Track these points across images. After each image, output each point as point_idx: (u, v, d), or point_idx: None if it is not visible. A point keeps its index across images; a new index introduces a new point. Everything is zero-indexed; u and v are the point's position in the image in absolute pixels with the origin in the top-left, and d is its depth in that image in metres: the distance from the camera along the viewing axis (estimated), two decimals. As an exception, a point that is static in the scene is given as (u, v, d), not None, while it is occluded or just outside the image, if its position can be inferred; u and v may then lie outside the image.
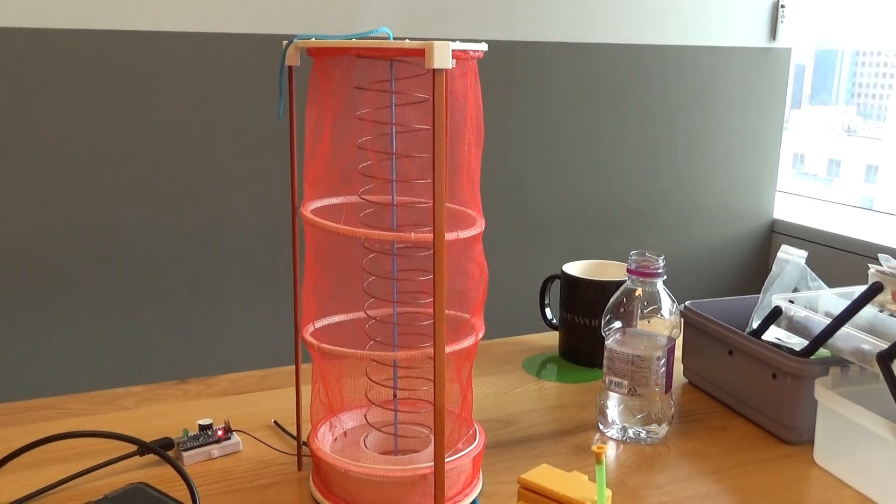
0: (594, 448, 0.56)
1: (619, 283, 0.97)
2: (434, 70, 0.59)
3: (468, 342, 0.69)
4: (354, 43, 0.62)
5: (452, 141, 0.67)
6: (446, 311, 0.62)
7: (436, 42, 0.58)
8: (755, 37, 2.29)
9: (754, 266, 2.46)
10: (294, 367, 0.97)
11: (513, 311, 2.08)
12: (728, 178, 2.37)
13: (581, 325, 1.00)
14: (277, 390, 0.92)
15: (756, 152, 2.39)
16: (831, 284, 0.96)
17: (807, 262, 0.93)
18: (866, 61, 2.69)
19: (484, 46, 0.65)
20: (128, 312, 1.77)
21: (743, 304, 0.98)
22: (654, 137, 2.24)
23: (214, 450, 0.78)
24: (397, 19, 1.88)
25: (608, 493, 0.61)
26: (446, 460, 0.67)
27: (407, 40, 0.60)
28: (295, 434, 0.82)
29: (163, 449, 0.77)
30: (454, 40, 0.60)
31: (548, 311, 1.08)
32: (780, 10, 2.28)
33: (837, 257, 2.22)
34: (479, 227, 0.68)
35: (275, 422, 0.85)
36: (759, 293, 0.94)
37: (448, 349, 0.66)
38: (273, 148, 1.83)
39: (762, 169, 2.41)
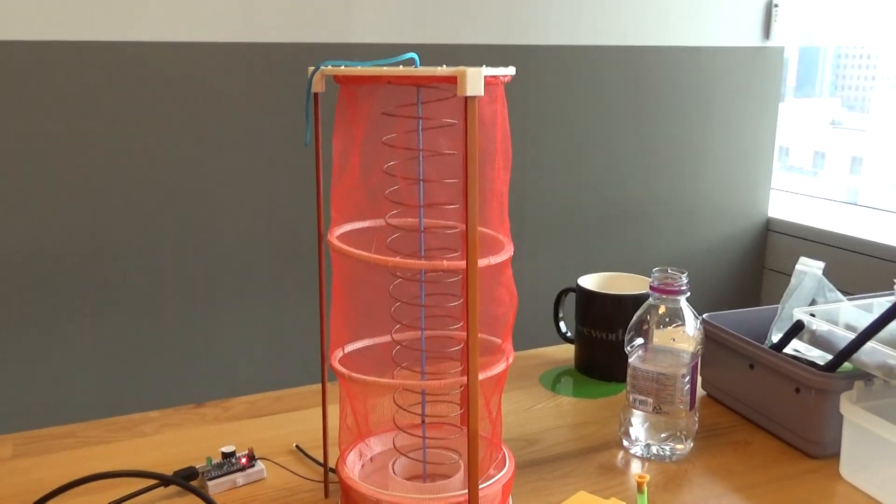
0: (636, 477, 0.56)
1: (636, 297, 0.97)
2: (466, 98, 0.58)
3: (499, 368, 0.68)
4: (385, 71, 0.61)
5: (482, 167, 0.66)
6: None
7: (468, 69, 0.58)
8: (749, 36, 2.30)
9: (750, 265, 2.48)
10: (311, 388, 0.97)
11: (520, 324, 2.08)
12: (724, 177, 2.38)
13: (597, 339, 1.00)
14: (296, 412, 0.91)
15: (750, 151, 2.40)
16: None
17: (798, 257, 0.93)
18: (850, 53, 2.70)
19: (512, 70, 0.65)
20: (131, 332, 1.75)
21: (758, 315, 0.98)
22: (650, 139, 2.24)
23: (239, 478, 0.78)
24: (392, 25, 1.87)
25: (648, 520, 0.60)
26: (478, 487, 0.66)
27: (440, 67, 0.59)
28: (318, 459, 0.82)
29: (188, 479, 0.76)
30: (483, 67, 0.59)
31: (562, 324, 1.08)
32: (774, 9, 2.29)
33: (830, 254, 2.23)
34: (508, 252, 0.67)
35: (297, 446, 0.84)
36: (756, 293, 0.94)
37: (481, 376, 0.66)
38: (286, 166, 1.82)
39: (757, 168, 2.42)
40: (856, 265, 2.18)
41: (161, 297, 1.77)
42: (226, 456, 0.79)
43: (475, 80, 0.58)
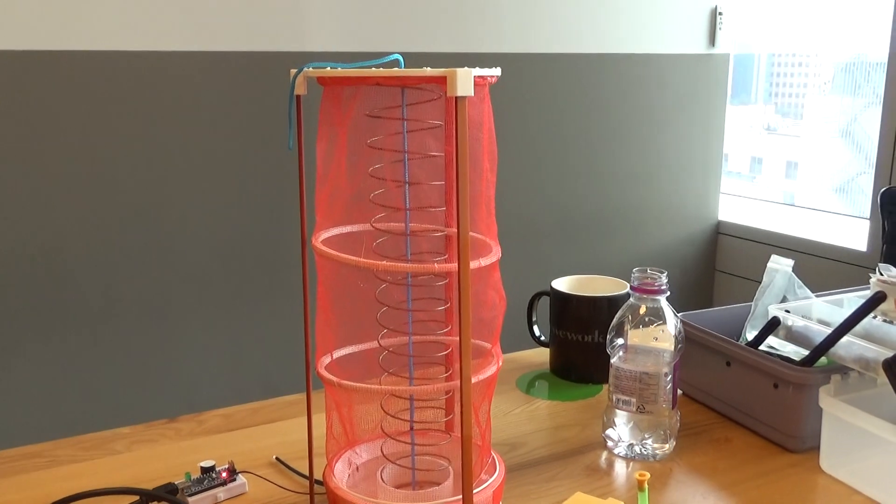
0: (637, 476, 0.56)
1: (611, 298, 0.98)
2: (456, 98, 0.57)
3: (490, 371, 0.67)
4: (373, 72, 0.60)
5: (470, 169, 0.65)
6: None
7: (458, 70, 0.57)
8: (696, 44, 2.35)
9: (702, 268, 2.52)
10: (288, 398, 0.95)
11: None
12: (676, 181, 2.42)
13: (573, 341, 1.00)
14: (274, 424, 0.89)
15: (701, 156, 2.45)
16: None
17: (748, 259, 0.95)
18: (783, 61, 2.78)
19: (498, 71, 0.64)
20: (96, 346, 1.70)
21: (730, 313, 0.99)
22: (604, 145, 2.27)
23: (220, 493, 0.75)
24: (345, 35, 1.86)
25: (647, 518, 0.60)
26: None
27: (428, 68, 0.59)
28: (300, 470, 0.80)
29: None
30: (472, 68, 0.59)
31: (535, 328, 1.08)
32: (718, 17, 2.34)
33: (781, 255, 2.28)
34: (496, 254, 0.67)
35: (277, 458, 0.82)
36: (708, 295, 0.95)
37: (472, 379, 0.65)
38: (257, 173, 1.79)
39: (707, 172, 2.47)
40: (813, 266, 2.23)
41: (128, 309, 1.72)
42: (205, 471, 0.77)
43: (465, 80, 0.57)
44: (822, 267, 2.21)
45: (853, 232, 2.26)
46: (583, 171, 2.24)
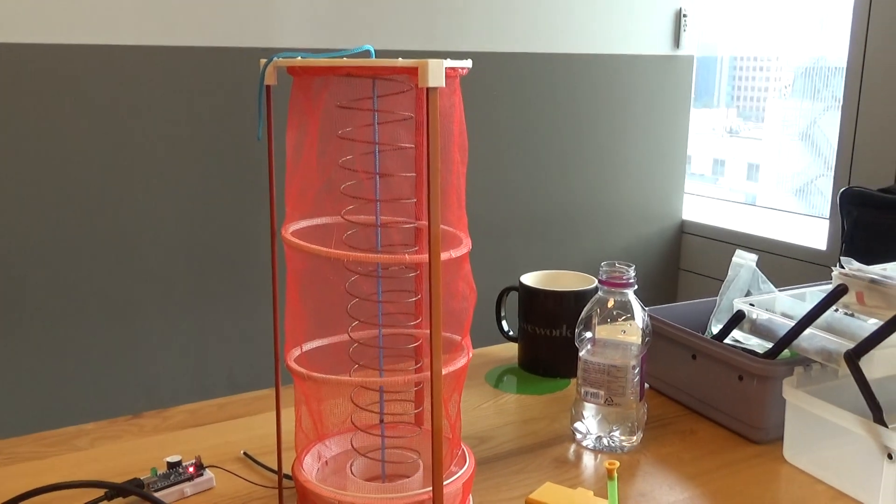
0: (606, 464, 0.56)
1: (578, 293, 0.99)
2: (428, 89, 0.57)
3: (460, 363, 0.68)
4: (344, 62, 0.60)
5: (441, 160, 0.65)
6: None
7: (429, 60, 0.57)
8: (661, 45, 2.37)
9: (667, 266, 2.55)
10: (255, 394, 0.94)
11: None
12: (641, 181, 2.44)
13: (541, 336, 1.01)
14: (241, 419, 0.88)
15: (666, 156, 2.48)
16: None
17: (712, 258, 0.96)
18: (745, 65, 2.82)
19: (469, 63, 0.65)
20: (57, 343, 1.67)
21: (696, 308, 1.00)
22: (571, 145, 2.28)
23: (187, 488, 0.75)
24: (314, 29, 1.85)
25: (616, 507, 0.61)
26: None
27: (400, 59, 0.59)
28: (268, 465, 0.79)
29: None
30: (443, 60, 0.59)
31: (504, 322, 1.08)
32: (683, 19, 2.37)
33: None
34: (467, 246, 0.67)
35: (245, 453, 0.81)
36: (672, 293, 0.96)
37: (444, 371, 0.65)
38: (220, 167, 1.77)
39: (672, 172, 2.50)
40: (775, 264, 2.27)
41: (90, 304, 1.69)
42: (171, 466, 0.76)
43: (437, 71, 0.57)
44: (783, 265, 2.25)
45: (813, 231, 2.31)
46: (550, 169, 2.25)
